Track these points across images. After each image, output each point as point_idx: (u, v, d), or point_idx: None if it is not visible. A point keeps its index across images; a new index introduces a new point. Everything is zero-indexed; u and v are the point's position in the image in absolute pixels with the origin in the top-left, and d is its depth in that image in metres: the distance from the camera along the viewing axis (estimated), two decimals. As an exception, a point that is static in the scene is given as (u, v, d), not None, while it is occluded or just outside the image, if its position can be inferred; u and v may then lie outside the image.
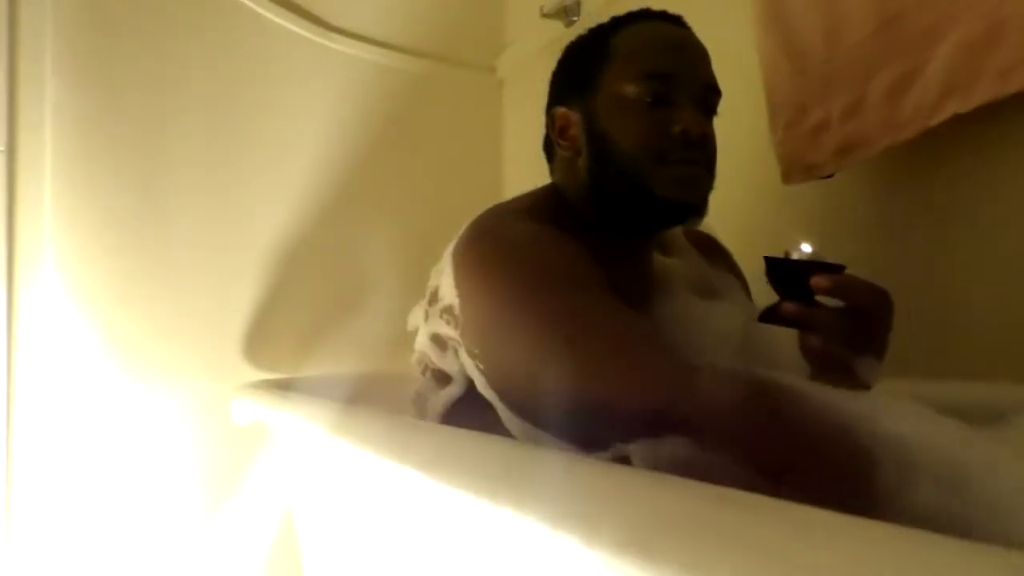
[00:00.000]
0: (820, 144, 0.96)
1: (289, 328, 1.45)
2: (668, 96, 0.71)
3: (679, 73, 0.72)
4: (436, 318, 0.69)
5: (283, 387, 1.07)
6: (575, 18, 1.53)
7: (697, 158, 0.71)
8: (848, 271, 0.63)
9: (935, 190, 0.91)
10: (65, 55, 1.23)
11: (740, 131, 1.16)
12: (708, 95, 0.74)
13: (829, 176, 0.98)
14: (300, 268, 1.48)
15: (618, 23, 0.77)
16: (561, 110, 0.78)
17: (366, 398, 1.16)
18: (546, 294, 0.59)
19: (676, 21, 0.77)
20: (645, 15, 0.77)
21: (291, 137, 1.49)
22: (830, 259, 0.63)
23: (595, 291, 0.61)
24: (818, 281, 0.60)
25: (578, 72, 0.77)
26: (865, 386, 0.66)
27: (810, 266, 0.62)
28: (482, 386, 0.64)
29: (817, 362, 0.67)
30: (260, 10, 1.45)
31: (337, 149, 1.55)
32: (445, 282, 0.67)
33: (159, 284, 1.31)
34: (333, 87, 1.56)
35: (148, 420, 1.28)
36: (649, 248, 0.80)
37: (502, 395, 0.62)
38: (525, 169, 1.74)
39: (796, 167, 1.01)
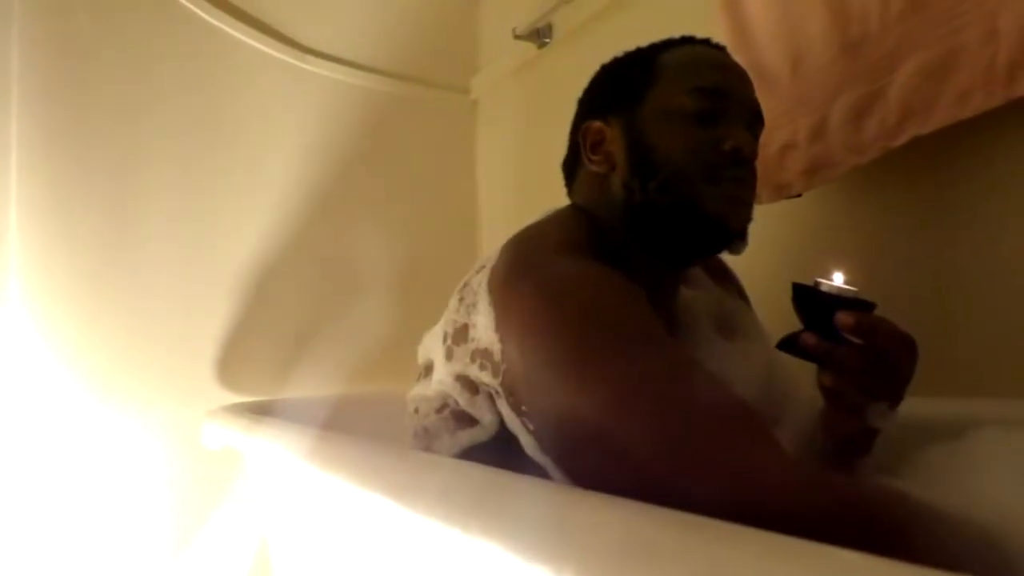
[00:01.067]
0: (788, 165, 0.98)
1: (264, 350, 1.44)
2: (719, 113, 0.68)
3: (731, 92, 0.70)
4: (466, 359, 0.62)
5: (258, 411, 1.06)
6: (547, 40, 1.55)
7: (747, 177, 0.69)
8: (879, 311, 0.61)
9: (903, 208, 0.93)
10: (31, 78, 1.22)
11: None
12: (755, 120, 0.73)
13: (798, 195, 1.00)
14: (276, 290, 1.46)
15: (665, 44, 0.75)
16: (596, 124, 0.74)
17: (343, 420, 1.15)
18: (615, 348, 0.52)
19: (721, 49, 0.76)
20: (690, 40, 0.75)
21: (265, 158, 1.48)
22: (863, 295, 0.60)
23: (670, 346, 0.55)
24: (843, 318, 0.58)
25: (620, 86, 0.74)
26: (872, 431, 0.65)
27: (839, 301, 0.60)
28: (531, 448, 0.56)
29: (830, 400, 0.66)
30: (233, 32, 1.45)
31: (311, 170, 1.54)
32: (481, 322, 0.60)
33: (128, 309, 1.29)
34: (307, 108, 1.56)
35: (118, 447, 1.26)
36: (679, 279, 0.76)
37: (559, 461, 0.54)
38: (499, 189, 1.75)
39: (766, 187, 1.02)
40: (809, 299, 0.61)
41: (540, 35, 1.56)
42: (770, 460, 0.46)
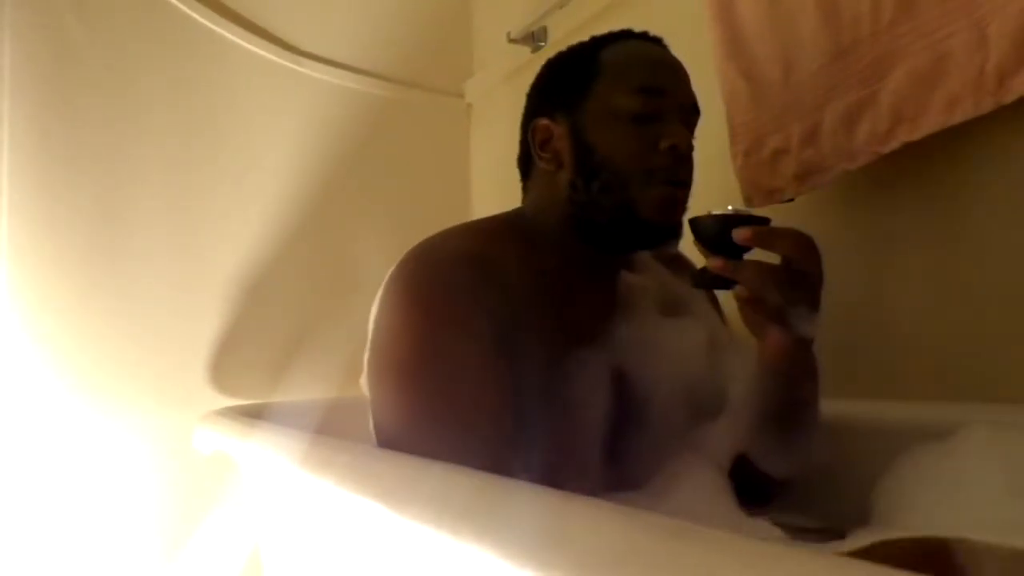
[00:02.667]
0: (780, 169, 0.98)
1: (258, 354, 1.43)
2: (657, 112, 0.71)
3: (669, 90, 0.72)
4: None
5: (251, 414, 1.05)
6: (542, 44, 1.55)
7: (682, 177, 0.72)
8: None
9: (894, 213, 0.93)
10: (22, 82, 1.21)
11: (704, 154, 1.18)
12: (691, 114, 0.75)
13: (790, 200, 1.01)
14: (269, 293, 1.46)
15: (605, 40, 0.78)
16: (543, 122, 0.76)
17: (337, 424, 1.15)
18: (424, 375, 0.63)
19: (659, 42, 0.79)
20: (630, 34, 0.78)
21: (258, 162, 1.48)
22: (755, 212, 0.62)
23: (468, 393, 0.63)
24: (740, 232, 0.60)
25: (564, 84, 0.76)
26: (804, 339, 0.66)
27: (733, 220, 0.61)
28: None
29: (754, 322, 0.67)
30: (227, 34, 1.45)
31: (305, 173, 1.54)
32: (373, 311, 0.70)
33: (119, 312, 1.28)
34: (301, 112, 1.56)
35: (108, 452, 1.25)
36: (617, 266, 0.80)
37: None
38: (493, 193, 1.75)
39: (758, 191, 1.03)
40: (706, 227, 0.63)
41: (534, 39, 1.56)
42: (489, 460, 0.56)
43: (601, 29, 0.83)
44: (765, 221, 0.62)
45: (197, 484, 1.31)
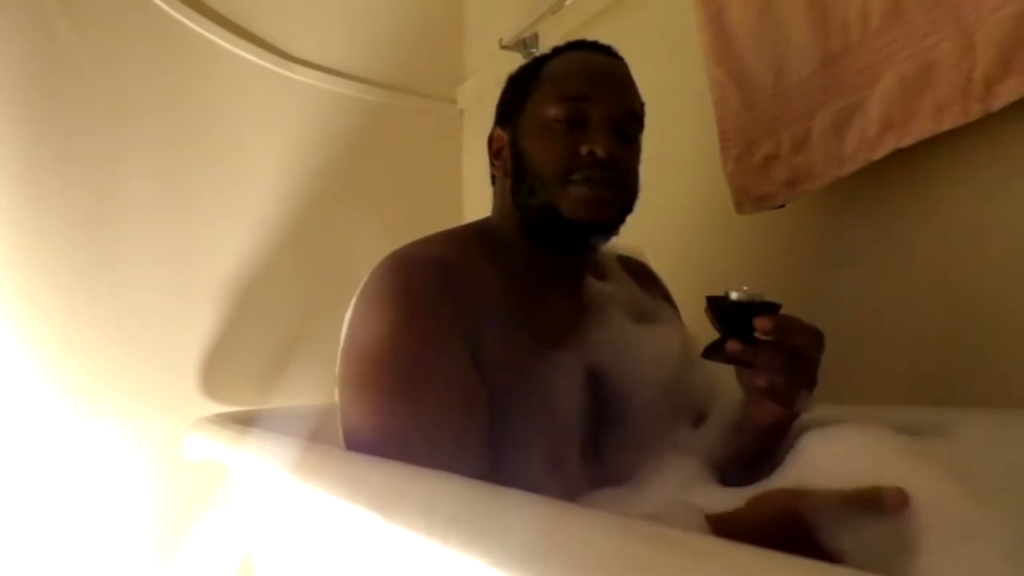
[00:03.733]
0: (770, 175, 0.99)
1: (249, 360, 1.43)
2: (583, 118, 0.74)
3: (596, 97, 0.75)
4: None
5: (242, 421, 1.04)
6: (534, 50, 1.55)
7: (606, 179, 0.73)
8: (787, 301, 0.65)
9: (884, 220, 0.94)
10: (10, 88, 1.21)
11: (695, 161, 1.19)
12: (626, 120, 0.77)
13: (781, 206, 1.01)
14: (260, 299, 1.45)
15: (555, 52, 0.82)
16: (497, 132, 0.82)
17: (329, 430, 1.14)
18: (391, 385, 0.65)
19: (606, 51, 0.81)
20: (579, 45, 0.82)
21: (250, 168, 1.48)
22: (769, 298, 0.66)
23: (433, 401, 0.64)
24: (762, 323, 0.63)
25: (511, 96, 0.82)
26: (797, 415, 0.70)
27: (751, 306, 0.65)
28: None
29: (757, 395, 0.70)
30: (219, 41, 1.45)
31: (296, 179, 1.54)
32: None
33: (109, 318, 1.27)
34: (293, 118, 1.55)
35: (98, 459, 1.24)
36: (581, 271, 0.82)
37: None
38: (485, 199, 1.75)
39: (748, 197, 1.03)
40: (724, 308, 0.66)
41: (526, 45, 1.57)
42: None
43: (592, 35, 0.84)
44: (777, 307, 0.66)
45: (188, 491, 1.30)
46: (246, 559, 1.28)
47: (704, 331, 0.71)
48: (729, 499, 0.53)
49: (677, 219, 1.24)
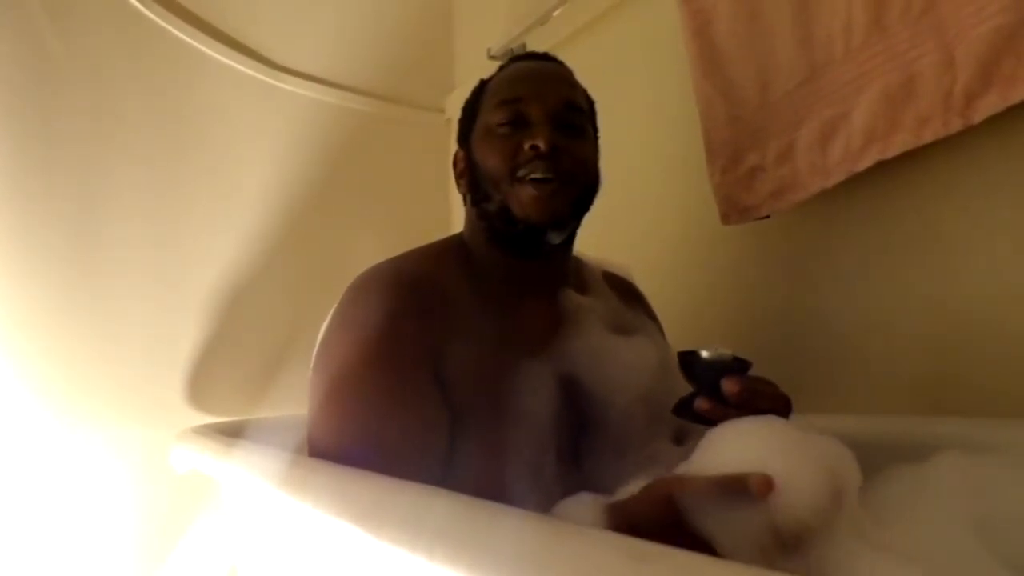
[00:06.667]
0: (756, 187, 1.00)
1: (237, 369, 1.42)
2: (522, 118, 0.76)
3: (531, 95, 0.77)
4: None
5: (229, 432, 1.03)
6: (522, 61, 1.56)
7: (551, 172, 0.74)
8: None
9: (868, 231, 0.95)
10: (-2, 94, 1.20)
11: (681, 171, 1.20)
12: (567, 113, 0.78)
13: (766, 217, 1.02)
14: (248, 308, 1.44)
15: (500, 68, 0.85)
16: (459, 152, 0.85)
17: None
18: (354, 404, 0.67)
19: (543, 57, 0.85)
20: (520, 57, 0.86)
21: (236, 177, 1.47)
22: (740, 355, 0.66)
23: (397, 417, 0.66)
24: (729, 385, 0.63)
25: (464, 116, 0.85)
26: None
27: (721, 365, 0.65)
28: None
29: None
30: (206, 50, 1.44)
31: (284, 189, 1.53)
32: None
33: (96, 330, 1.26)
34: (280, 127, 1.55)
35: (81, 470, 1.23)
36: (556, 280, 0.83)
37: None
38: (475, 207, 1.75)
39: (734, 208, 1.04)
40: (693, 366, 0.66)
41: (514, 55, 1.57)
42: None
43: (580, 46, 0.85)
44: (748, 365, 0.66)
45: (174, 503, 1.29)
46: (232, 573, 1.27)
47: (688, 344, 0.71)
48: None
49: (663, 229, 1.25)
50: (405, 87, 1.77)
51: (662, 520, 0.50)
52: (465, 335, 0.71)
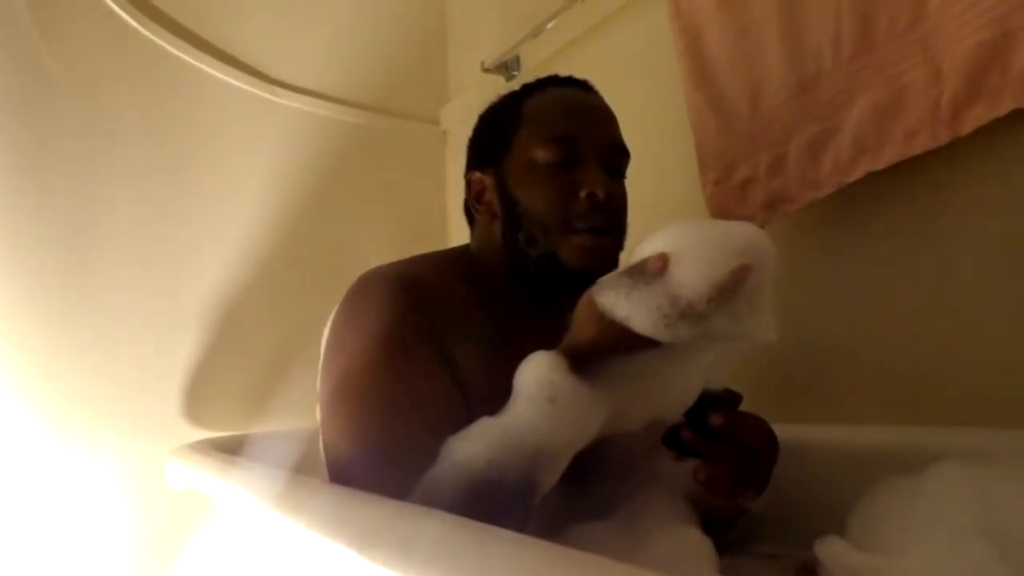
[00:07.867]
0: (748, 198, 1.00)
1: (233, 384, 1.42)
2: (575, 159, 0.73)
3: (585, 135, 0.74)
4: None
5: (226, 447, 1.03)
6: (515, 73, 1.57)
7: (605, 223, 0.73)
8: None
9: (858, 241, 0.95)
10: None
11: (674, 183, 1.20)
12: (615, 156, 0.77)
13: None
14: (245, 322, 1.44)
15: (529, 89, 0.80)
16: (477, 175, 0.80)
17: (315, 455, 1.13)
18: (363, 404, 0.65)
19: (583, 86, 0.80)
20: (553, 81, 0.81)
21: (233, 191, 1.47)
22: (731, 388, 0.66)
23: (402, 415, 0.65)
24: (715, 418, 0.63)
25: (491, 138, 0.80)
26: (743, 511, 0.68)
27: (709, 398, 0.65)
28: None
29: (707, 486, 0.68)
30: (200, 65, 1.45)
31: (280, 201, 1.54)
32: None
33: (92, 346, 1.26)
34: (276, 141, 1.55)
35: (76, 487, 1.22)
36: (564, 307, 0.81)
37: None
38: (470, 219, 1.76)
39: (727, 219, 1.04)
40: None
41: (508, 68, 1.58)
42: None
43: (573, 58, 0.85)
44: (738, 400, 0.67)
45: (170, 520, 1.28)
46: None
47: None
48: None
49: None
50: (400, 99, 1.78)
51: (590, 318, 0.57)
52: (467, 339, 0.70)
